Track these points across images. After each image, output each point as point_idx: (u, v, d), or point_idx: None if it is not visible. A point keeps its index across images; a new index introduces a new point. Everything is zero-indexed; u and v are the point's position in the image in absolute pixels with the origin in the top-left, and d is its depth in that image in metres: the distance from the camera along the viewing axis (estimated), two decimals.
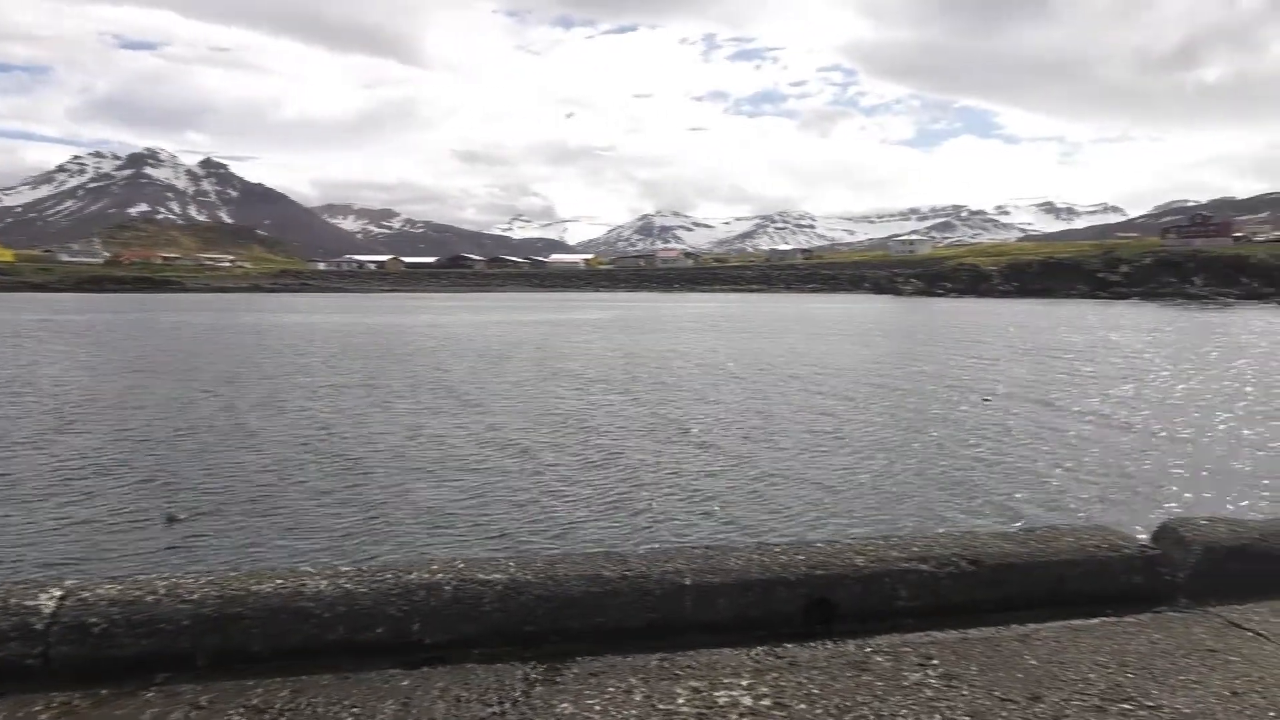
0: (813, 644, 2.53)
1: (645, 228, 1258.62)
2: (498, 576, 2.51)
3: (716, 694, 2.20)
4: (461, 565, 2.57)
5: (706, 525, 9.88)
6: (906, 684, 2.26)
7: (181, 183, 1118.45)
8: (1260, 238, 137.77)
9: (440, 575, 2.50)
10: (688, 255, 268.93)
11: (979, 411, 18.04)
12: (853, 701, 2.16)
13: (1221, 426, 15.99)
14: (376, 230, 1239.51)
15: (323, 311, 71.12)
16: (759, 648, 2.49)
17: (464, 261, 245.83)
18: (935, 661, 2.40)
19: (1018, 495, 11.23)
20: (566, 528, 9.71)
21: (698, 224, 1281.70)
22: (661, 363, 28.58)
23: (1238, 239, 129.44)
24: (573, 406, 18.65)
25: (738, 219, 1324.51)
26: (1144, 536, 3.13)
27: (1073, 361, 28.01)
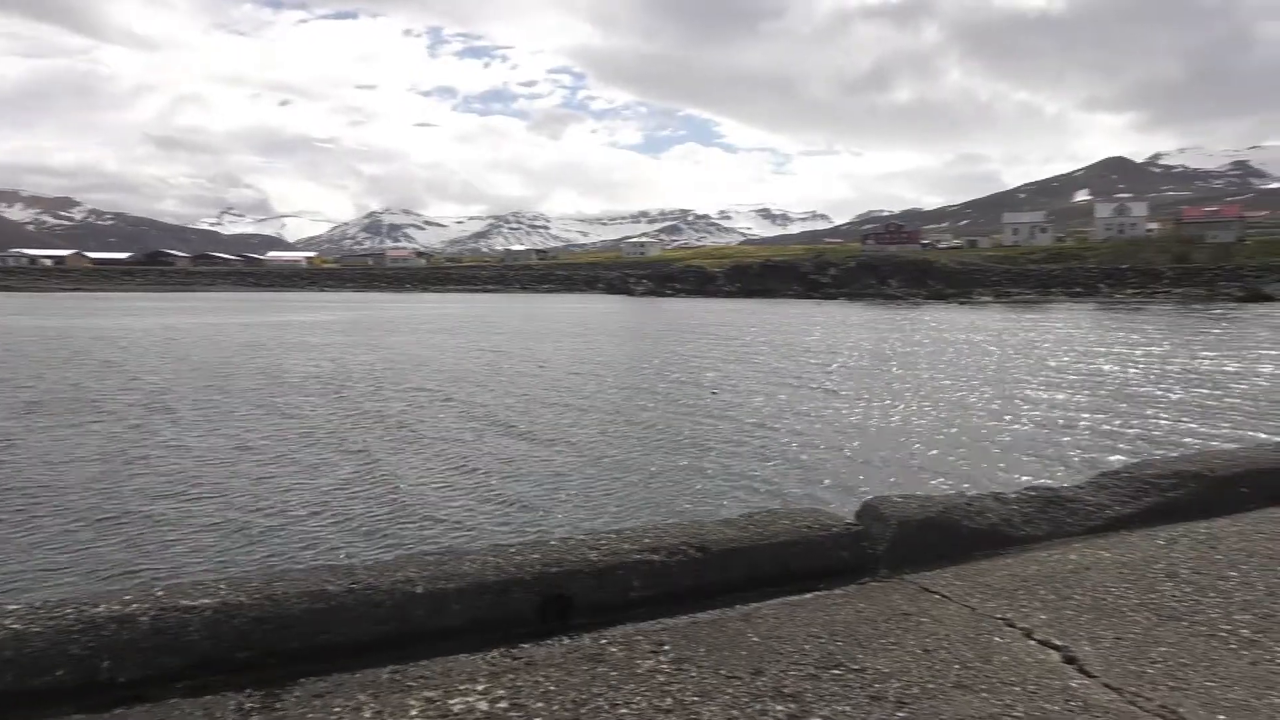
0: (549, 641, 2.53)
1: (373, 226, 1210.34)
2: (205, 601, 2.28)
3: (451, 701, 2.14)
4: (161, 593, 2.31)
5: (443, 530, 9.67)
6: (640, 671, 2.31)
7: None
8: (942, 245, 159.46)
9: (135, 605, 2.23)
10: (420, 255, 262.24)
11: (707, 404, 19.09)
12: (588, 694, 2.18)
13: (914, 410, 18.03)
14: (53, 221, 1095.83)
15: None
16: (495, 650, 2.45)
17: (165, 258, 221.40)
18: (667, 647, 2.48)
19: (741, 482, 12.00)
20: (289, 543, 9.12)
21: (429, 222, 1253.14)
22: (400, 365, 27.66)
23: (925, 246, 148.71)
24: (300, 415, 17.57)
25: (471, 218, 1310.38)
26: (850, 515, 3.43)
27: (793, 355, 30.40)
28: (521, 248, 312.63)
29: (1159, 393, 20.57)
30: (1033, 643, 2.51)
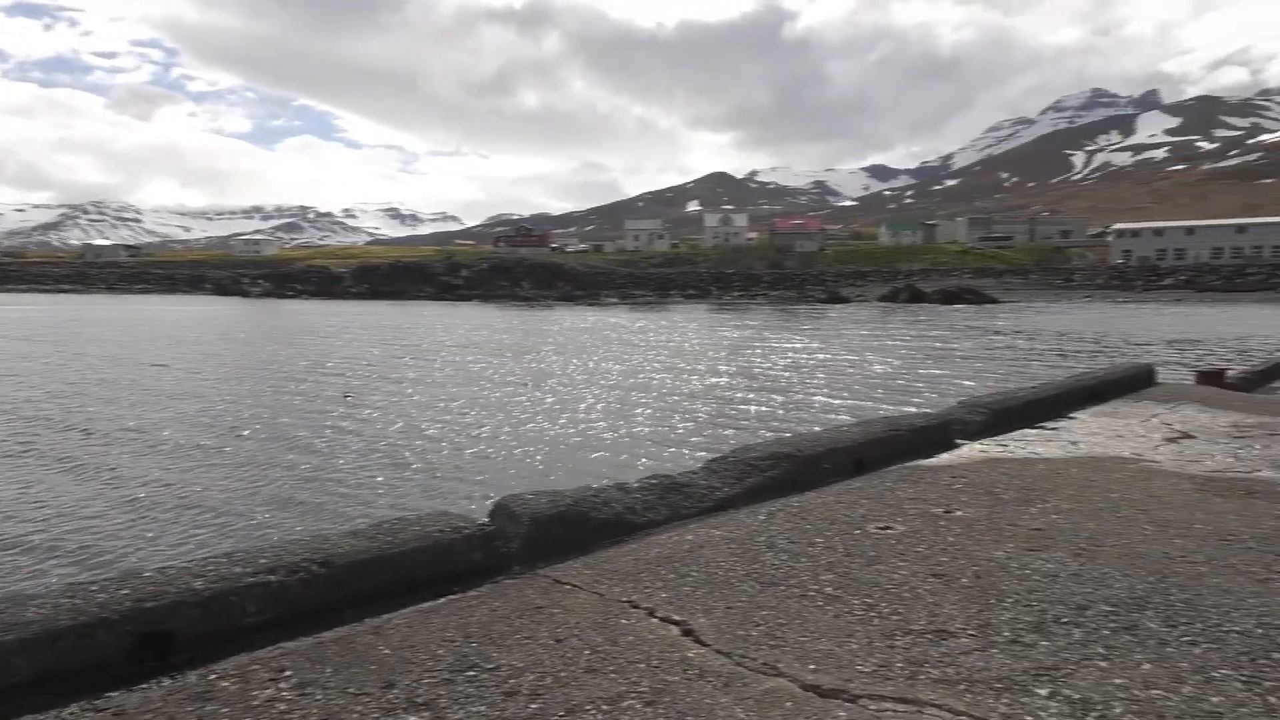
0: (146, 685, 2.23)
1: None
2: None
3: None
4: None
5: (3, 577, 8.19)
6: (257, 703, 2.12)
7: None
8: (570, 248, 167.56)
9: None
10: None
11: (341, 410, 18.15)
12: None
13: (551, 407, 18.54)
14: None
15: None
16: (74, 704, 2.10)
17: None
18: (289, 672, 2.29)
19: (374, 491, 11.55)
20: None
21: None
22: None
23: (554, 249, 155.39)
24: None
25: (36, 206, 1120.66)
26: (483, 516, 3.42)
27: (429, 358, 29.82)
28: (107, 242, 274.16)
29: (766, 380, 23.22)
30: (655, 620, 2.68)
